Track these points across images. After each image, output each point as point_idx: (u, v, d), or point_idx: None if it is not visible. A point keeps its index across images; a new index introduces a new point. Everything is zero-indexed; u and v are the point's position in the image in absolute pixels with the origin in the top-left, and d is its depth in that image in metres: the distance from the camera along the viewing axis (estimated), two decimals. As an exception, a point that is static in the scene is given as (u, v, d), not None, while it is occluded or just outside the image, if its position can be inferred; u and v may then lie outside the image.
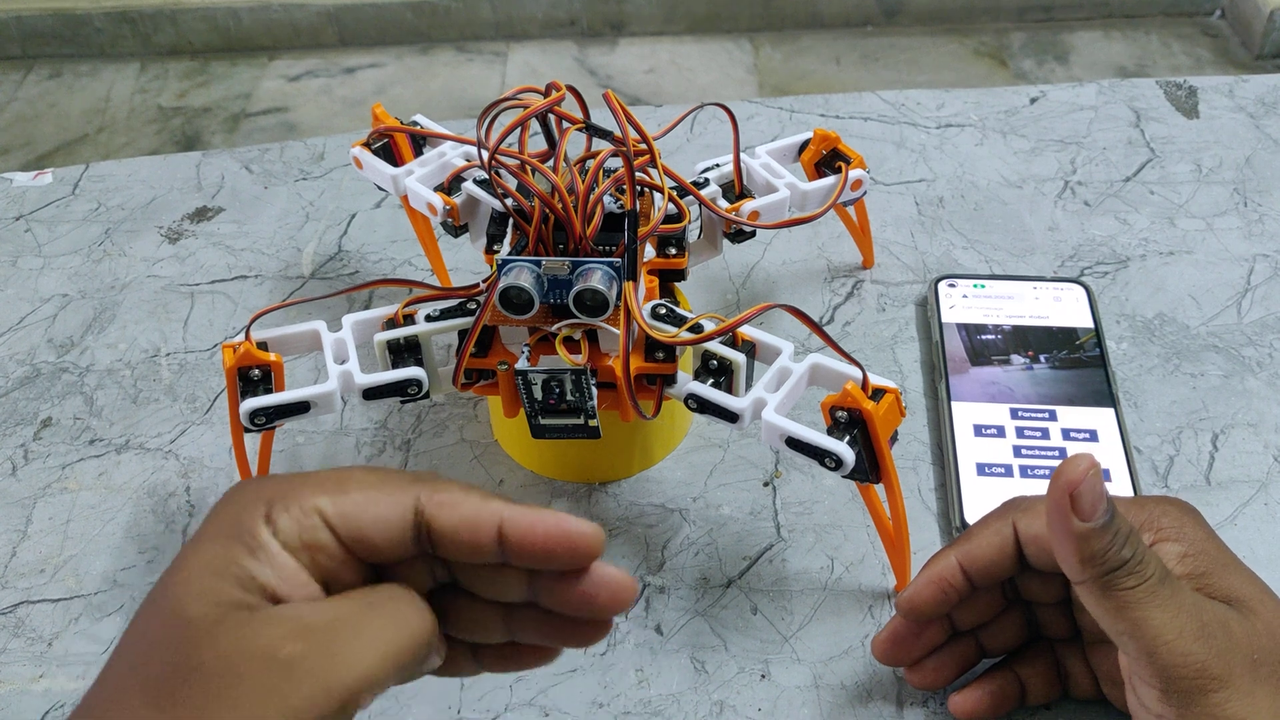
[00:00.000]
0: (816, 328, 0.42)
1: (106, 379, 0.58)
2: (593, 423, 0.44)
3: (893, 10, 2.24)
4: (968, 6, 2.24)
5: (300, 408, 0.44)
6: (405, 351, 0.46)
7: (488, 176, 0.47)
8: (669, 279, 0.49)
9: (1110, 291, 0.60)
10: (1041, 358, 0.55)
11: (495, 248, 0.47)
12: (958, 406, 0.53)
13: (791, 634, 0.46)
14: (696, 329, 0.44)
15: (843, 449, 0.40)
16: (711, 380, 0.44)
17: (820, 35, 2.24)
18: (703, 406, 0.44)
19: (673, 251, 0.48)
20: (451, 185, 0.52)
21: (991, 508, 0.42)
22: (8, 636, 0.47)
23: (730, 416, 0.43)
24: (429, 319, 0.46)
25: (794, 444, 0.41)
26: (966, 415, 0.52)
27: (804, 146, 0.55)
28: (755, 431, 0.51)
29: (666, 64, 2.18)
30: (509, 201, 0.45)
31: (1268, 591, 0.37)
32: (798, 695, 0.44)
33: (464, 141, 0.54)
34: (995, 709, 0.42)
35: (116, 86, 2.17)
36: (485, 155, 0.42)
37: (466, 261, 0.63)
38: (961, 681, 0.42)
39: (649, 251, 0.48)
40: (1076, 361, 0.54)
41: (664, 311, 0.45)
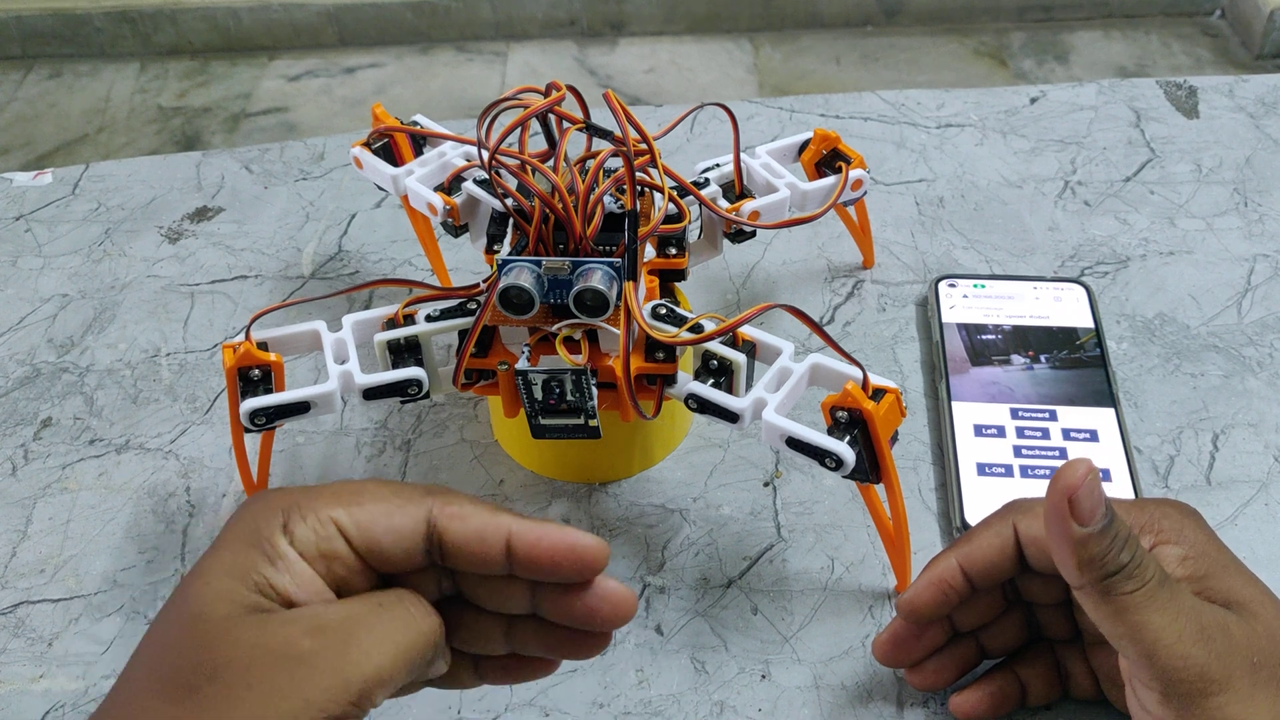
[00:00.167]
0: (816, 328, 0.42)
1: (106, 379, 0.58)
2: (593, 423, 0.44)
3: (893, 10, 2.24)
4: (968, 6, 2.24)
5: (300, 408, 0.44)
6: (405, 351, 0.46)
7: (488, 176, 0.47)
8: (669, 279, 0.49)
9: (1110, 291, 0.60)
10: (1042, 358, 0.55)
11: (495, 248, 0.47)
12: (958, 406, 0.53)
13: (792, 634, 0.46)
14: (697, 329, 0.44)
15: (843, 449, 0.40)
16: (712, 380, 0.44)
17: (820, 35, 2.24)
18: (703, 406, 0.44)
19: (673, 251, 0.48)
20: (451, 185, 0.52)
21: (992, 508, 0.42)
22: (8, 636, 0.47)
23: (730, 416, 0.43)
24: (429, 319, 0.46)
25: (794, 444, 0.41)
26: (967, 415, 0.52)
27: (804, 146, 0.55)
28: (755, 431, 0.51)
29: (666, 64, 2.18)
30: (509, 201, 0.45)
31: (1268, 594, 0.37)
32: (798, 695, 0.44)
33: (464, 141, 0.54)
34: (996, 710, 0.42)
35: (116, 86, 2.17)
36: (485, 155, 0.42)
37: (466, 261, 0.63)
38: (962, 682, 0.42)
39: (649, 251, 0.48)
40: (1077, 361, 0.54)
41: (664, 311, 0.45)
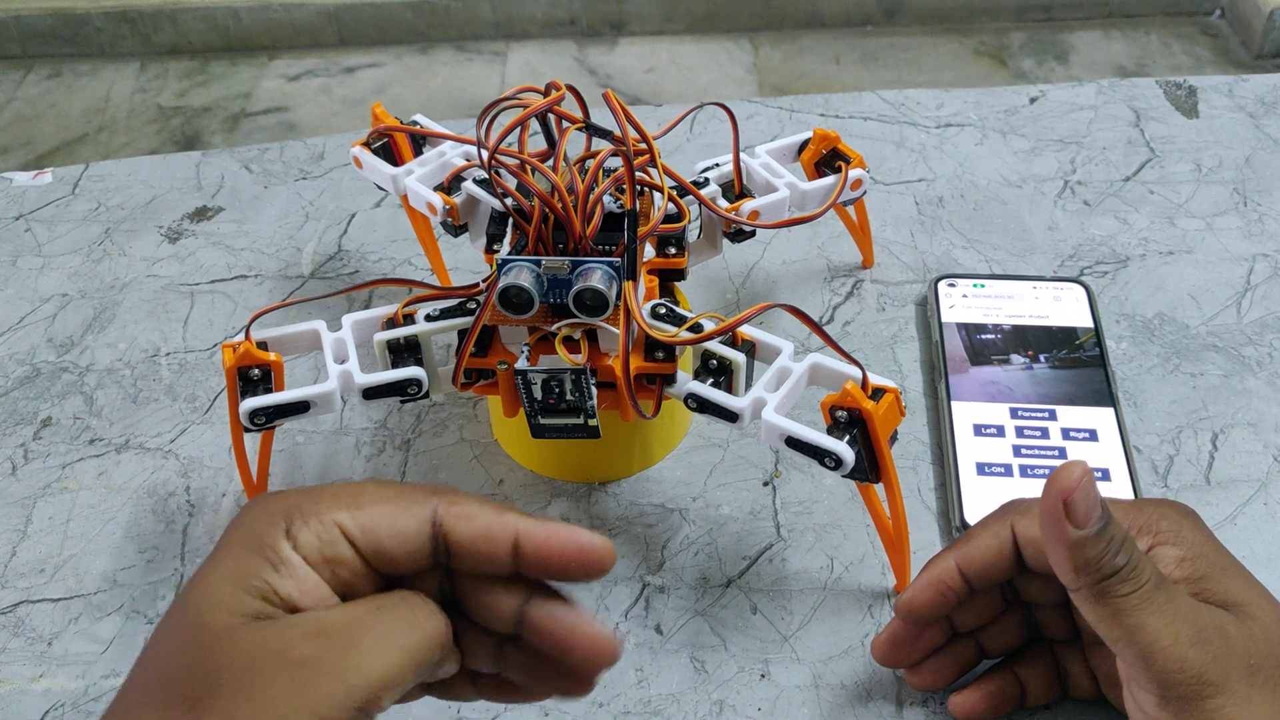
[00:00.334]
0: (816, 327, 0.42)
1: (106, 379, 0.58)
2: (592, 422, 0.44)
3: (893, 10, 2.24)
4: (968, 6, 2.24)
5: (300, 407, 0.44)
6: (405, 351, 0.46)
7: (487, 176, 0.47)
8: (669, 279, 0.49)
9: (1110, 291, 0.60)
10: (1041, 357, 0.55)
11: (495, 247, 0.47)
12: (957, 406, 0.53)
13: (791, 634, 0.46)
14: (696, 328, 0.44)
15: (842, 448, 0.40)
16: (711, 380, 0.44)
17: (820, 35, 2.24)
18: (702, 406, 0.44)
19: (672, 251, 0.48)
20: (451, 185, 0.52)
21: (991, 507, 0.42)
22: (8, 636, 0.47)
23: (730, 416, 0.43)
24: (429, 319, 0.46)
25: (794, 443, 0.41)
26: (966, 415, 0.52)
27: (804, 146, 0.55)
28: (755, 431, 0.51)
29: (666, 64, 2.18)
30: (509, 201, 0.45)
31: (1266, 595, 0.37)
32: (797, 695, 0.44)
33: (464, 141, 0.54)
34: (995, 710, 0.42)
35: (116, 86, 2.17)
36: (485, 155, 0.42)
37: (466, 261, 0.63)
38: (961, 682, 0.42)
39: (649, 251, 0.48)
40: (1076, 361, 0.54)
41: (664, 311, 0.45)
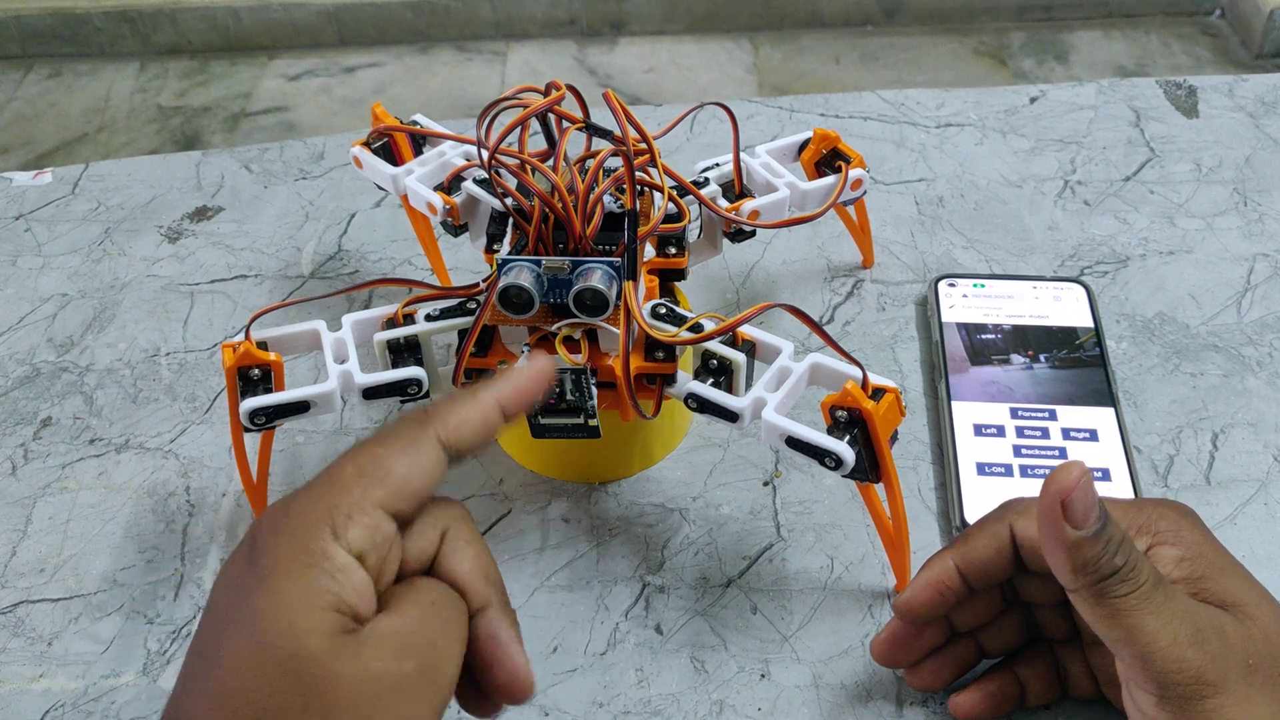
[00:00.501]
0: (816, 327, 0.42)
1: (106, 379, 0.58)
2: (593, 422, 0.44)
3: (893, 10, 2.24)
4: (968, 6, 2.24)
5: (300, 407, 0.44)
6: (405, 351, 0.46)
7: (488, 176, 0.47)
8: (669, 278, 0.49)
9: (1110, 291, 0.60)
10: (1041, 357, 0.55)
11: (495, 247, 0.47)
12: (958, 406, 0.53)
13: (791, 633, 0.46)
14: (696, 328, 0.44)
15: (843, 448, 0.40)
16: (711, 380, 0.44)
17: (820, 35, 2.24)
18: (703, 406, 0.44)
19: (673, 251, 0.48)
20: (451, 185, 0.52)
21: (991, 507, 0.42)
22: (8, 636, 0.47)
23: (730, 416, 0.43)
24: (429, 318, 0.46)
25: (794, 443, 0.41)
26: (966, 415, 0.52)
27: (804, 146, 0.55)
28: (755, 431, 0.51)
29: (666, 63, 2.18)
30: (509, 201, 0.45)
31: (1265, 596, 0.37)
32: (797, 695, 0.44)
33: (464, 141, 0.54)
34: (995, 710, 0.42)
35: (116, 86, 2.17)
36: (485, 155, 0.42)
37: (466, 261, 0.63)
38: (961, 682, 0.42)
39: (649, 251, 0.48)
40: (1076, 361, 0.54)
41: (664, 311, 0.45)
